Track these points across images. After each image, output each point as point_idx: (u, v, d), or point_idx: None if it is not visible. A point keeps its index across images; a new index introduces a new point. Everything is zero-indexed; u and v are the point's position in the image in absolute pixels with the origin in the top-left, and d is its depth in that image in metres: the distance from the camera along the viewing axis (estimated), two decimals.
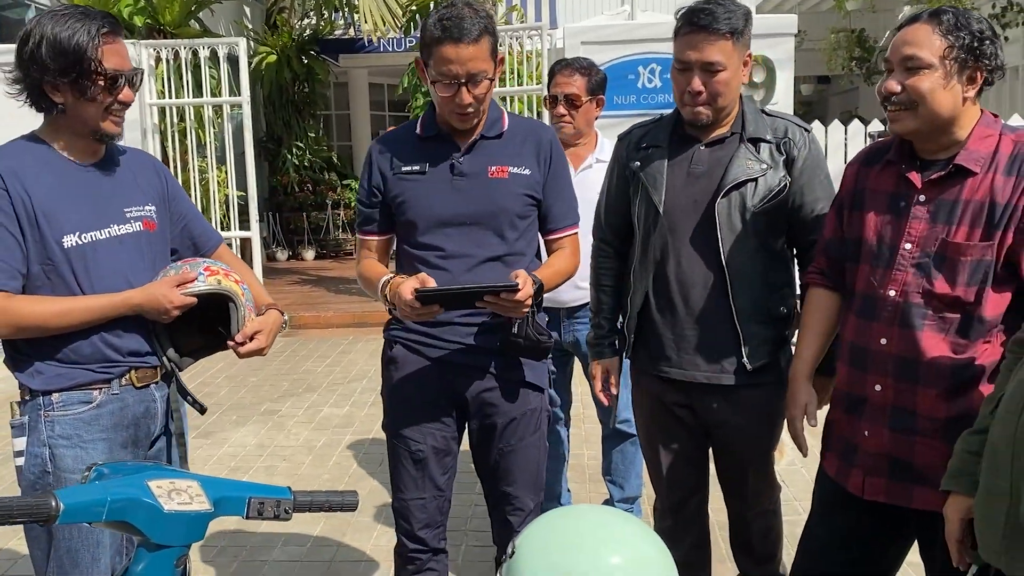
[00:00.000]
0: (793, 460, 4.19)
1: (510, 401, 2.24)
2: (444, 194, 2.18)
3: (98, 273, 1.94)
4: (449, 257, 2.18)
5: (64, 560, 1.94)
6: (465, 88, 2.07)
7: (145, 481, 1.38)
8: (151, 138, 7.55)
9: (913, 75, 1.82)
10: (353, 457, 4.53)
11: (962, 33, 1.79)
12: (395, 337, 2.30)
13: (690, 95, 2.20)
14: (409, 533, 2.32)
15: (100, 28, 1.88)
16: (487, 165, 2.18)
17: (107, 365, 1.96)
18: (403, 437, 2.28)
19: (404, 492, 2.30)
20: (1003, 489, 1.44)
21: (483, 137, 2.20)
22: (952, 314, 1.86)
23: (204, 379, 6.05)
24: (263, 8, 12.97)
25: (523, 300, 2.00)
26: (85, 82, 1.87)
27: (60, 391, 1.93)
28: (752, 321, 2.27)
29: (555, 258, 2.29)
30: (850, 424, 2.03)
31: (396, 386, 2.29)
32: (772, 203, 2.23)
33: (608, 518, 1.49)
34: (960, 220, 1.84)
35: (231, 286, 2.00)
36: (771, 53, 6.34)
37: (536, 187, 2.22)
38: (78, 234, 1.92)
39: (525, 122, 2.34)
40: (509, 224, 2.19)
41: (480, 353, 2.21)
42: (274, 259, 12.01)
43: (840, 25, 11.59)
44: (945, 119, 1.84)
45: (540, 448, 2.33)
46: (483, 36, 2.06)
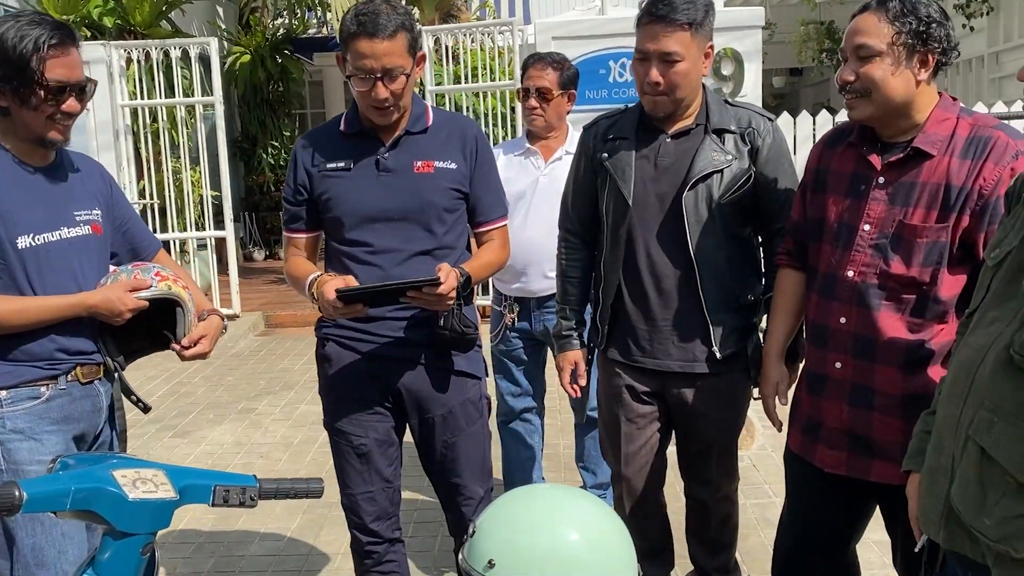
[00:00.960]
0: (764, 444, 4.26)
1: (445, 392, 2.25)
2: (370, 190, 2.19)
3: (49, 274, 1.97)
4: (378, 252, 2.19)
5: (29, 560, 1.93)
6: (381, 83, 2.08)
7: (110, 470, 1.41)
8: (123, 139, 7.51)
9: (865, 63, 1.88)
10: (329, 453, 4.53)
11: (909, 19, 1.85)
12: (327, 335, 2.30)
13: (649, 85, 2.23)
14: (361, 527, 2.34)
15: (49, 39, 1.88)
16: (412, 160, 2.20)
17: (54, 362, 2.00)
18: (344, 433, 2.30)
19: (352, 487, 2.32)
20: (944, 468, 1.48)
21: (408, 132, 2.21)
22: (908, 295, 1.92)
23: (181, 379, 6.04)
24: (236, 8, 12.89)
25: (445, 293, 2.02)
26: (25, 91, 1.89)
27: (7, 388, 1.95)
28: (720, 310, 2.31)
29: (484, 250, 2.31)
30: (813, 401, 2.09)
31: (332, 383, 2.29)
32: (738, 193, 2.27)
33: (565, 496, 1.53)
34: (917, 202, 1.90)
35: (180, 292, 2.07)
36: (739, 46, 6.38)
37: (463, 181, 2.24)
38: (32, 235, 1.95)
39: (450, 116, 2.36)
40: (437, 218, 2.20)
41: (412, 346, 2.22)
42: (251, 259, 11.96)
43: (810, 17, 11.72)
44: (899, 103, 1.90)
45: (483, 436, 2.35)
46: (399, 32, 2.07)
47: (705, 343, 2.32)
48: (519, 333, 3.30)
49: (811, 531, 2.17)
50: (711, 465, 2.48)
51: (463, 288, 2.11)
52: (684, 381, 2.37)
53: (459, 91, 7.53)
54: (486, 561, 1.41)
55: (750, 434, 4.31)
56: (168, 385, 5.89)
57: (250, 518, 3.73)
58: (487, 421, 2.38)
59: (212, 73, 7.58)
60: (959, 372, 1.48)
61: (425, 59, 2.22)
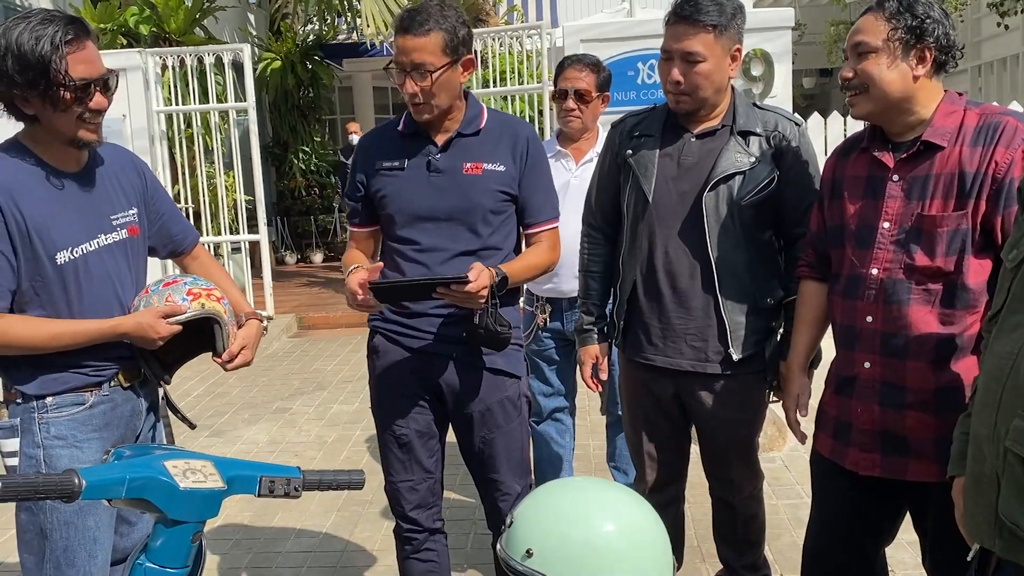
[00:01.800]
0: (795, 445, 4.24)
1: (484, 389, 2.29)
2: (420, 190, 2.24)
3: (88, 287, 1.97)
4: (424, 251, 2.24)
5: (60, 560, 1.95)
6: (409, 77, 2.14)
7: (162, 461, 1.46)
8: (159, 145, 7.65)
9: (862, 60, 1.94)
10: (363, 451, 4.61)
11: (904, 15, 1.90)
12: (376, 328, 2.37)
13: (671, 84, 2.26)
14: (402, 514, 2.40)
15: (64, 35, 1.82)
16: (462, 162, 2.24)
17: (98, 369, 2.00)
18: (388, 422, 2.35)
19: (393, 475, 2.38)
20: (988, 477, 1.48)
21: (460, 135, 2.26)
22: (935, 285, 1.93)
23: (216, 379, 6.14)
24: (267, 15, 13.06)
25: (474, 292, 2.04)
26: (53, 94, 1.83)
27: (55, 395, 1.96)
28: (738, 312, 2.31)
29: (529, 251, 2.33)
30: (842, 403, 2.09)
31: (378, 374, 2.36)
32: (759, 196, 2.27)
33: (602, 488, 1.56)
34: (933, 193, 1.92)
35: (214, 306, 2.04)
36: (769, 47, 6.37)
37: (511, 183, 2.26)
38: (70, 249, 1.93)
39: (504, 119, 2.38)
40: (482, 219, 2.23)
41: (452, 343, 2.26)
42: (283, 262, 12.11)
43: (840, 18, 11.64)
44: (897, 98, 1.93)
45: (521, 433, 2.37)
46: (434, 31, 2.12)
47: (721, 344, 2.33)
48: (551, 333, 3.32)
49: (842, 533, 2.15)
50: (731, 466, 2.49)
51: (498, 288, 2.14)
52: (698, 382, 2.38)
53: (487, 95, 7.58)
54: (524, 551, 1.44)
55: (781, 435, 4.31)
56: (204, 386, 6.00)
57: (286, 515, 3.80)
58: (526, 419, 2.40)
59: (245, 79, 7.70)
60: (989, 380, 1.47)
61: (472, 64, 2.23)
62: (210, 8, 9.19)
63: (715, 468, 2.53)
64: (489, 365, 2.29)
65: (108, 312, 2.00)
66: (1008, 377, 1.41)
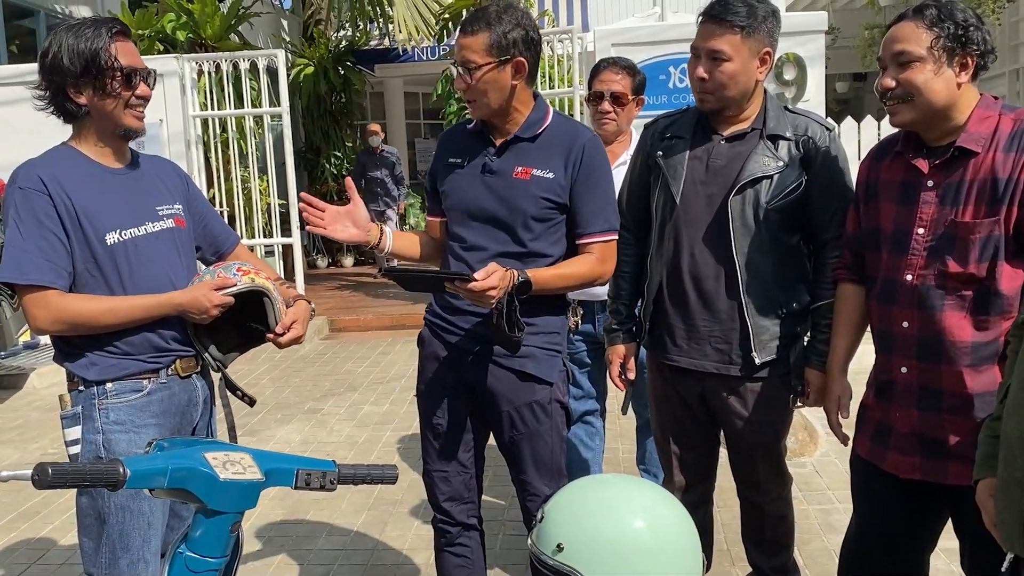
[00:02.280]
0: (827, 451, 4.22)
1: (512, 391, 2.28)
2: (473, 189, 2.28)
3: (139, 268, 2.06)
4: (468, 249, 2.28)
5: (116, 543, 2.03)
6: (459, 73, 2.21)
7: (202, 452, 1.50)
8: (194, 149, 7.76)
9: (905, 69, 1.92)
10: (393, 452, 4.65)
11: (946, 23, 1.89)
12: (426, 319, 2.43)
13: (695, 81, 2.28)
14: (436, 504, 2.44)
15: (111, 29, 2.02)
16: (514, 165, 2.26)
17: (156, 355, 2.08)
18: (426, 411, 2.40)
19: (430, 463, 2.42)
20: (1020, 482, 1.47)
21: (517, 138, 2.28)
22: (967, 291, 1.93)
23: (249, 380, 6.22)
24: (300, 21, 13.22)
25: (479, 291, 2.03)
26: (104, 79, 1.99)
27: (114, 380, 2.04)
28: (762, 316, 2.31)
29: (571, 261, 2.27)
30: (882, 407, 2.09)
31: (422, 364, 2.42)
32: (786, 200, 2.27)
33: (633, 485, 1.58)
34: (966, 200, 1.92)
35: (264, 282, 2.11)
36: (801, 50, 6.35)
37: (559, 191, 2.22)
38: (119, 231, 2.03)
39: (568, 125, 2.34)
40: (523, 225, 2.23)
41: (484, 341, 2.27)
42: (314, 266, 12.23)
43: (874, 22, 11.53)
44: (941, 106, 1.93)
45: (552, 438, 2.33)
46: (482, 31, 2.16)
47: (744, 347, 2.33)
48: (582, 336, 3.33)
49: (882, 536, 2.15)
50: (758, 469, 2.49)
51: (518, 291, 2.12)
52: (722, 384, 2.38)
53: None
54: (555, 545, 1.46)
55: (813, 441, 4.28)
56: None
57: (318, 513, 3.84)
58: (559, 425, 2.35)
59: (279, 84, 7.80)
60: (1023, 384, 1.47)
61: (524, 67, 2.22)
62: (245, 15, 9.32)
63: (742, 470, 2.53)
64: (519, 368, 2.28)
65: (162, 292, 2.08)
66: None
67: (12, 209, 1.96)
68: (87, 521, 2.05)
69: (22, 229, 1.95)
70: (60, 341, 2.06)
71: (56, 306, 1.96)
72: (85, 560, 2.08)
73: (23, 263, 1.94)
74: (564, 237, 2.30)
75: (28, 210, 1.95)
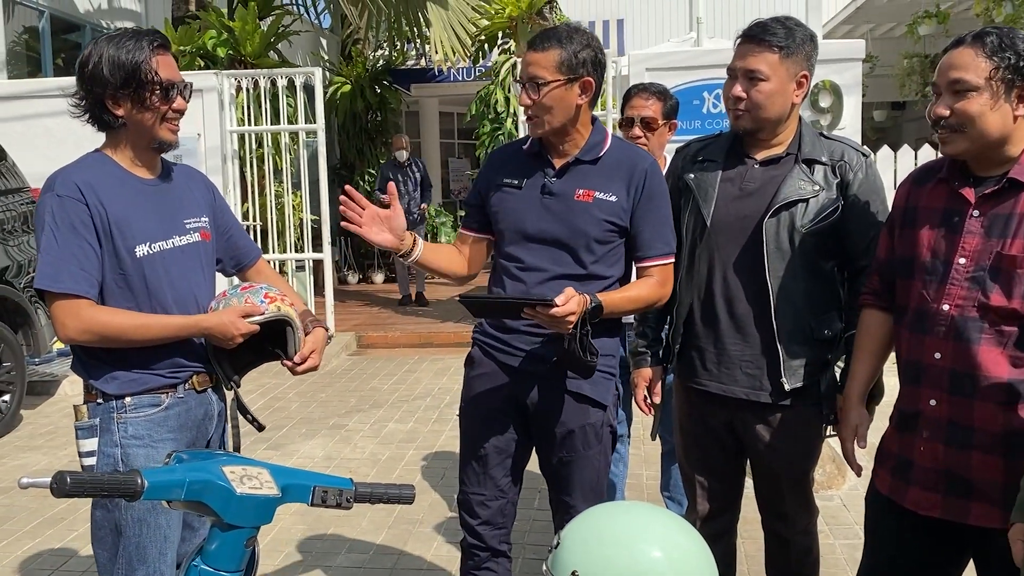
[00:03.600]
0: (855, 484, 4.14)
1: (568, 413, 2.29)
2: (532, 211, 2.28)
3: (165, 282, 2.07)
4: (527, 270, 2.28)
5: (133, 556, 2.03)
6: (525, 89, 2.22)
7: (220, 466, 1.50)
8: (231, 163, 7.87)
9: (961, 98, 1.85)
10: (416, 470, 4.63)
11: (1007, 53, 1.81)
12: (476, 339, 2.42)
13: (731, 100, 2.27)
14: (470, 527, 2.41)
15: (152, 42, 2.02)
16: (576, 188, 2.26)
17: (175, 370, 2.09)
18: (470, 433, 2.39)
19: (467, 486, 2.40)
20: None
21: (578, 160, 2.29)
22: (1009, 327, 1.86)
23: (276, 394, 6.26)
24: (339, 40, 13.42)
25: (560, 316, 2.05)
26: (143, 92, 2.00)
27: (133, 395, 2.05)
28: (793, 342, 2.28)
29: (635, 284, 2.32)
30: (904, 440, 2.03)
31: (469, 384, 2.41)
32: (822, 225, 2.25)
33: (651, 514, 1.55)
34: (1016, 233, 1.85)
35: (288, 311, 2.12)
36: (838, 78, 6.31)
37: (621, 214, 2.25)
38: (148, 244, 2.05)
39: (628, 149, 2.36)
40: (586, 247, 2.25)
41: (541, 362, 2.28)
42: (345, 282, 12.31)
43: (913, 51, 11.42)
44: (995, 139, 1.86)
45: (601, 461, 2.35)
46: (553, 48, 2.19)
47: (774, 374, 2.29)
48: None
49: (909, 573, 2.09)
50: (785, 500, 2.44)
51: (591, 316, 2.14)
52: (751, 412, 2.35)
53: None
54: (569, 572, 1.43)
55: (841, 473, 4.20)
56: (263, 400, 6.12)
57: (338, 529, 3.84)
58: (607, 449, 2.38)
59: (315, 102, 7.90)
60: None
61: (591, 86, 2.25)
62: (284, 32, 9.47)
63: (768, 500, 2.48)
64: (575, 390, 2.29)
65: (186, 309, 2.10)
66: None
67: (48, 216, 1.97)
68: (102, 533, 2.06)
69: (58, 237, 1.96)
70: (81, 352, 2.07)
71: (88, 317, 1.97)
72: (101, 571, 2.09)
73: (58, 271, 1.96)
74: (622, 259, 2.33)
75: (64, 218, 1.97)
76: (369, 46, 12.58)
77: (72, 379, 6.32)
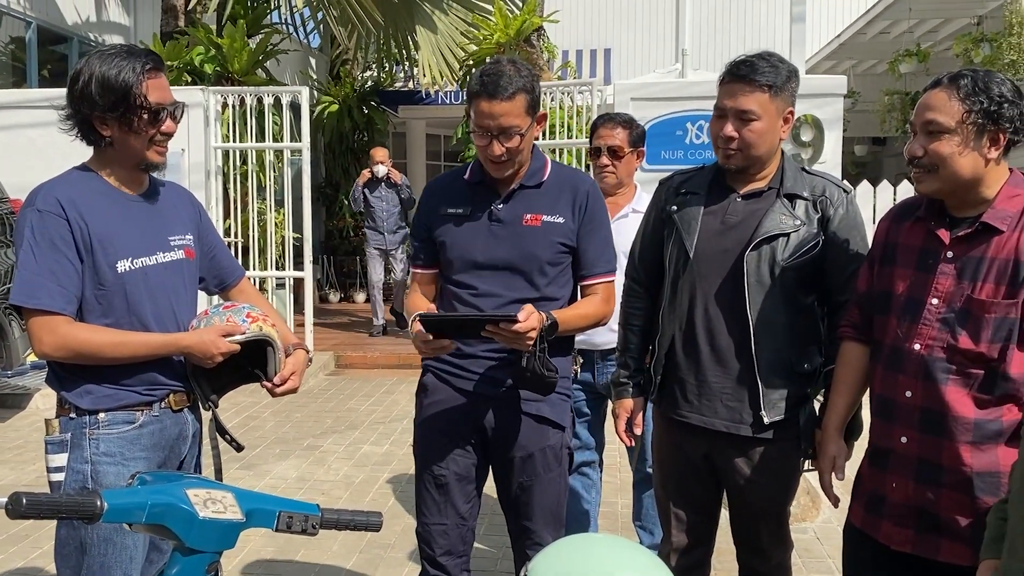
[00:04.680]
0: (829, 518, 4.14)
1: (527, 436, 2.30)
2: (480, 238, 2.29)
3: (147, 298, 2.05)
4: (480, 296, 2.29)
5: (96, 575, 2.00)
6: (496, 140, 2.20)
7: (184, 489, 1.48)
8: (214, 179, 7.84)
9: (934, 139, 1.89)
10: (390, 494, 4.60)
11: (980, 98, 1.84)
12: (428, 366, 2.41)
13: (723, 139, 2.28)
14: (431, 559, 2.38)
15: (144, 65, 2.00)
16: (523, 213, 2.29)
17: (151, 388, 2.07)
18: (428, 462, 2.37)
19: (427, 516, 2.38)
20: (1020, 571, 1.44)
21: (522, 186, 2.32)
22: (976, 370, 1.88)
23: (251, 412, 6.20)
24: (328, 60, 13.45)
25: (523, 332, 2.07)
26: (131, 116, 1.98)
27: (107, 411, 2.02)
28: (773, 375, 2.29)
29: (583, 302, 2.37)
30: (877, 475, 2.05)
31: (425, 412, 2.39)
32: (802, 259, 2.27)
33: (620, 547, 1.54)
34: (985, 277, 1.87)
35: (270, 331, 2.11)
36: (820, 113, 6.39)
37: (569, 235, 2.30)
38: (131, 260, 2.03)
39: (566, 172, 2.43)
40: (539, 270, 2.28)
41: (501, 386, 2.29)
42: (326, 300, 12.25)
43: (894, 88, 11.60)
44: (967, 180, 1.89)
45: (560, 485, 2.37)
46: (518, 94, 2.18)
47: (754, 406, 2.30)
48: (582, 385, 3.31)
49: None
50: (761, 534, 2.44)
51: (547, 333, 2.16)
52: (731, 445, 2.35)
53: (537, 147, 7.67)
54: None
55: (815, 505, 4.20)
56: (239, 418, 6.05)
57: (308, 553, 3.79)
58: (566, 472, 2.40)
59: (301, 120, 7.90)
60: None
61: (546, 118, 2.32)
62: (273, 51, 9.49)
63: (744, 534, 2.48)
64: (535, 412, 2.31)
65: (166, 327, 2.08)
66: None
67: (28, 231, 1.96)
68: (66, 551, 2.03)
69: (36, 252, 1.95)
70: (57, 366, 2.05)
71: (64, 333, 1.95)
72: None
73: (35, 287, 1.94)
74: (571, 279, 2.37)
75: (44, 233, 1.95)
76: (358, 67, 12.62)
77: (45, 392, 6.24)
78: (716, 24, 15.57)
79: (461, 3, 9.57)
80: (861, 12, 12.06)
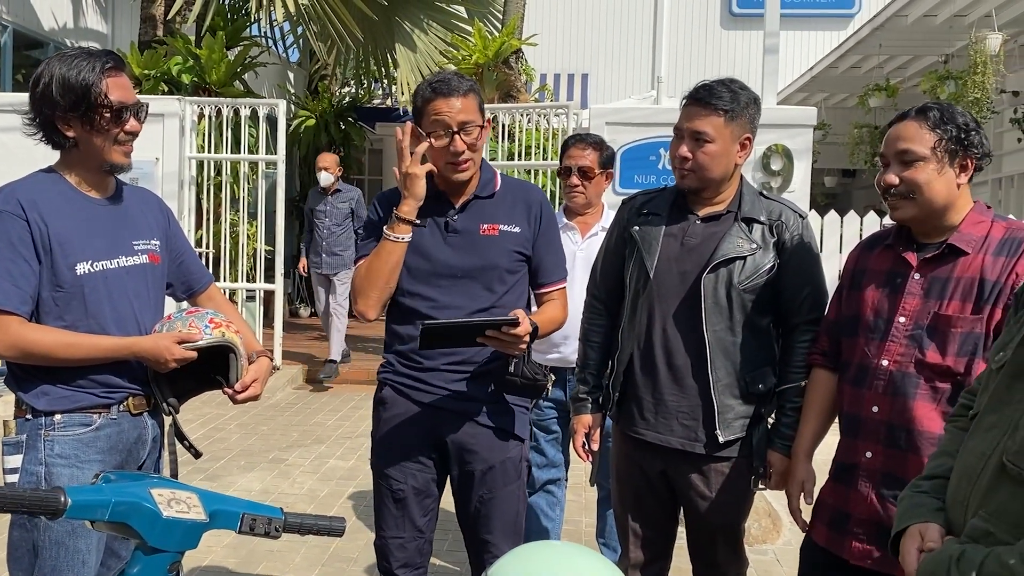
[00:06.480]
0: (789, 540, 4.18)
1: (488, 448, 2.32)
2: (438, 249, 2.32)
3: (106, 301, 2.04)
4: (440, 308, 2.31)
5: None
6: (458, 136, 2.25)
7: (148, 488, 1.49)
8: (187, 189, 7.81)
9: (909, 167, 1.99)
10: (354, 508, 4.58)
11: (949, 126, 1.97)
12: (386, 379, 2.41)
13: (678, 159, 2.35)
14: (387, 571, 2.39)
15: (104, 64, 2.00)
16: (479, 223, 2.34)
17: (110, 391, 2.06)
18: (386, 476, 2.37)
19: (385, 531, 2.39)
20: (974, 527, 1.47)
21: (476, 197, 2.36)
22: (943, 383, 1.97)
23: (217, 424, 6.14)
24: (306, 74, 13.46)
25: (522, 335, 2.14)
26: (93, 115, 1.99)
27: (64, 412, 2.01)
28: (728, 395, 2.34)
29: (547, 307, 2.43)
30: (841, 492, 2.10)
31: (383, 426, 2.39)
32: (758, 282, 2.33)
33: (579, 554, 1.57)
34: (952, 295, 1.97)
35: (232, 337, 2.11)
36: (790, 143, 6.50)
37: (526, 244, 2.37)
38: (91, 262, 2.02)
39: (516, 183, 2.51)
40: (498, 279, 2.33)
41: (463, 399, 2.31)
42: (296, 315, 12.17)
43: (863, 121, 11.84)
44: (941, 205, 1.99)
45: (519, 497, 2.40)
46: (470, 92, 2.29)
47: (709, 425, 2.34)
48: (552, 403, 3.34)
49: None
50: (716, 549, 2.48)
51: (531, 338, 2.22)
52: (686, 461, 2.39)
53: (512, 167, 7.74)
54: None
55: (776, 528, 4.25)
56: (204, 430, 6.00)
57: (270, 565, 3.76)
58: (524, 484, 2.43)
59: (277, 133, 7.90)
60: (960, 479, 1.46)
61: (491, 125, 2.39)
62: (251, 64, 9.49)
63: (700, 550, 2.51)
64: (497, 424, 2.33)
65: (127, 330, 2.07)
66: (978, 476, 1.42)
67: None
68: (18, 554, 2.00)
69: None
70: (15, 367, 2.04)
71: (15, 333, 1.94)
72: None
73: None
74: (527, 287, 2.43)
75: (3, 233, 1.95)
76: (336, 82, 12.64)
77: (6, 399, 6.14)
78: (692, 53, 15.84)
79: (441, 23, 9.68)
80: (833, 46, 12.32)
